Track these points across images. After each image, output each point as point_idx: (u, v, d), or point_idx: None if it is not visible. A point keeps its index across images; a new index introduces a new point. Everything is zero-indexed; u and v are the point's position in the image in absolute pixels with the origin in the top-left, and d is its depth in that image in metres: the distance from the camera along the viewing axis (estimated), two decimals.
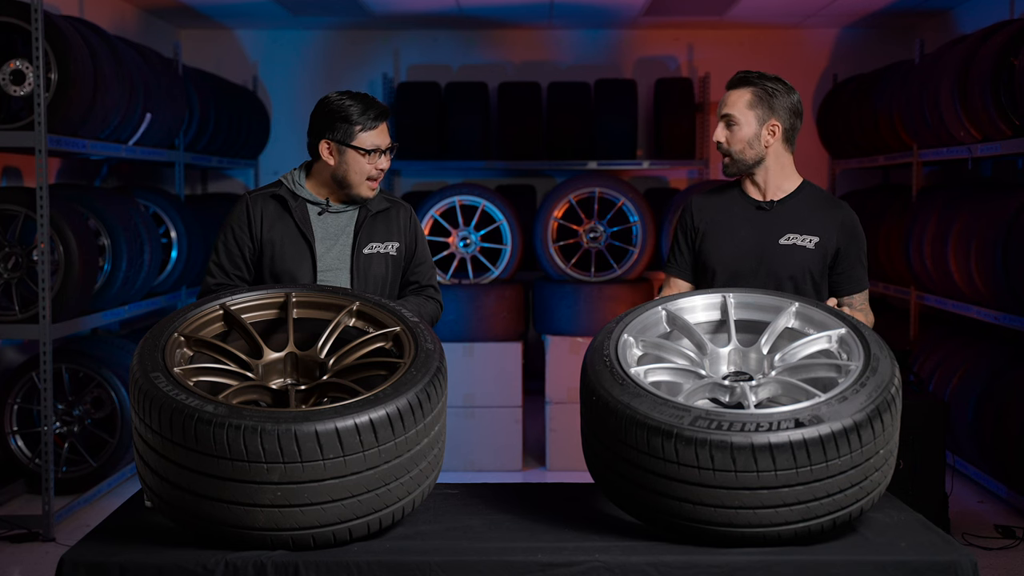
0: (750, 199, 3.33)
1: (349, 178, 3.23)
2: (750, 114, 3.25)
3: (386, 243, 3.32)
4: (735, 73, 3.30)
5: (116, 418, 5.66)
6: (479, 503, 2.88)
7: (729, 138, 3.27)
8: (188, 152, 7.07)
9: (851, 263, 3.28)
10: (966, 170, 7.10)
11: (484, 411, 6.40)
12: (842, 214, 3.30)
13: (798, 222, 3.27)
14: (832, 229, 3.27)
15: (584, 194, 6.71)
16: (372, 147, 3.21)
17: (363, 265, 3.27)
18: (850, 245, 3.28)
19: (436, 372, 2.59)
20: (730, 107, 3.26)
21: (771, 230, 3.27)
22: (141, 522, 2.68)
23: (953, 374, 5.96)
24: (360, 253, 3.27)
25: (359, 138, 3.20)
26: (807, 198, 3.33)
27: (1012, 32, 5.44)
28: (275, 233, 3.23)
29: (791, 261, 3.23)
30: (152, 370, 2.50)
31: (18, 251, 5.12)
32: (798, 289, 3.22)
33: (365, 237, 3.29)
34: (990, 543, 4.86)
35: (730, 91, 3.28)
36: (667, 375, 2.75)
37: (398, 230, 3.35)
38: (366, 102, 3.22)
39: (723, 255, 3.29)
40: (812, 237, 3.25)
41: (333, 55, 8.44)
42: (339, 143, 3.21)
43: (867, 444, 2.44)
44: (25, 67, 5.02)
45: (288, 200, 3.25)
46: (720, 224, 3.33)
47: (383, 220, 3.33)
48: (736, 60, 8.19)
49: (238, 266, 3.24)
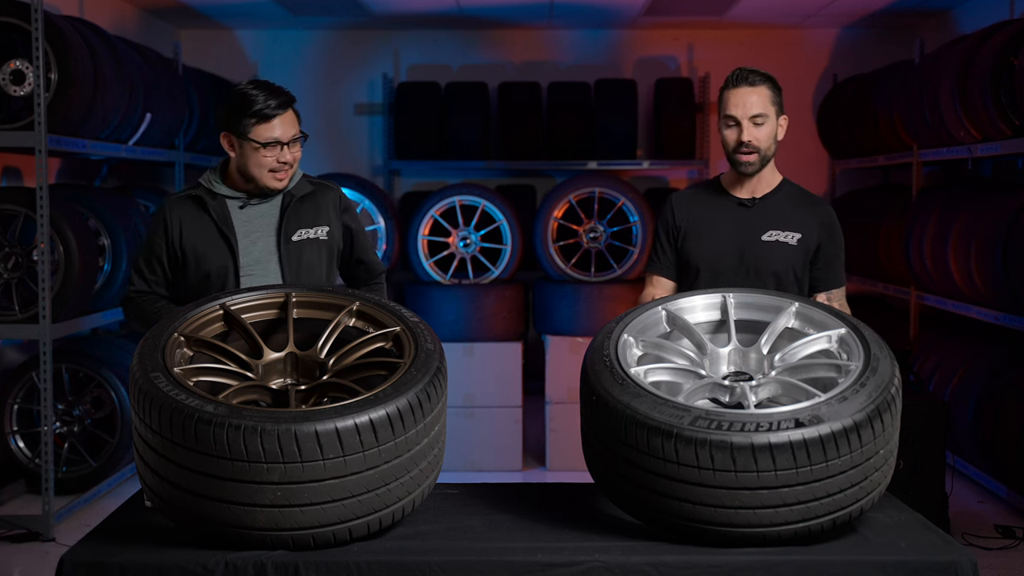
0: (732, 196, 3.35)
1: (251, 171, 3.14)
2: (772, 110, 3.25)
3: (315, 228, 3.23)
4: (737, 71, 3.26)
5: (116, 418, 5.66)
6: (479, 503, 2.88)
7: (758, 136, 3.24)
8: (188, 152, 7.07)
9: (830, 259, 3.32)
10: (966, 170, 7.10)
11: (484, 411, 6.40)
12: (823, 211, 3.34)
13: (780, 219, 3.30)
14: (813, 226, 3.30)
15: (584, 194, 6.71)
16: (267, 140, 3.10)
17: (293, 253, 3.19)
18: (830, 242, 3.32)
19: (436, 372, 2.59)
20: (757, 106, 3.22)
21: (753, 227, 3.29)
22: (141, 522, 2.68)
23: (953, 374, 5.96)
24: (289, 241, 3.19)
25: (254, 131, 3.10)
26: (788, 195, 3.36)
27: (1012, 32, 5.44)
28: (194, 236, 3.17)
29: (774, 257, 3.27)
30: (152, 370, 2.50)
31: (18, 251, 5.12)
32: (780, 285, 3.25)
33: (292, 224, 3.20)
34: (990, 543, 4.86)
35: (751, 88, 3.23)
36: (667, 375, 2.75)
37: (326, 213, 3.27)
38: (267, 91, 3.12)
39: (705, 252, 3.31)
40: (794, 234, 3.28)
41: (333, 55, 8.44)
42: (237, 136, 3.13)
43: (867, 444, 2.44)
44: (25, 67, 5.02)
45: (206, 199, 3.19)
46: (702, 221, 3.34)
47: (310, 204, 3.25)
48: (736, 60, 8.17)
49: (156, 273, 3.20)
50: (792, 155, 8.46)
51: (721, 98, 3.29)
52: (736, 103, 3.23)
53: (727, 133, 3.27)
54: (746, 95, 3.23)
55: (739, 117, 3.23)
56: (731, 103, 3.24)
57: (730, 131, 3.26)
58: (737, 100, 3.23)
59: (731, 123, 3.25)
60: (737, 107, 3.23)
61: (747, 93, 3.23)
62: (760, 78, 3.24)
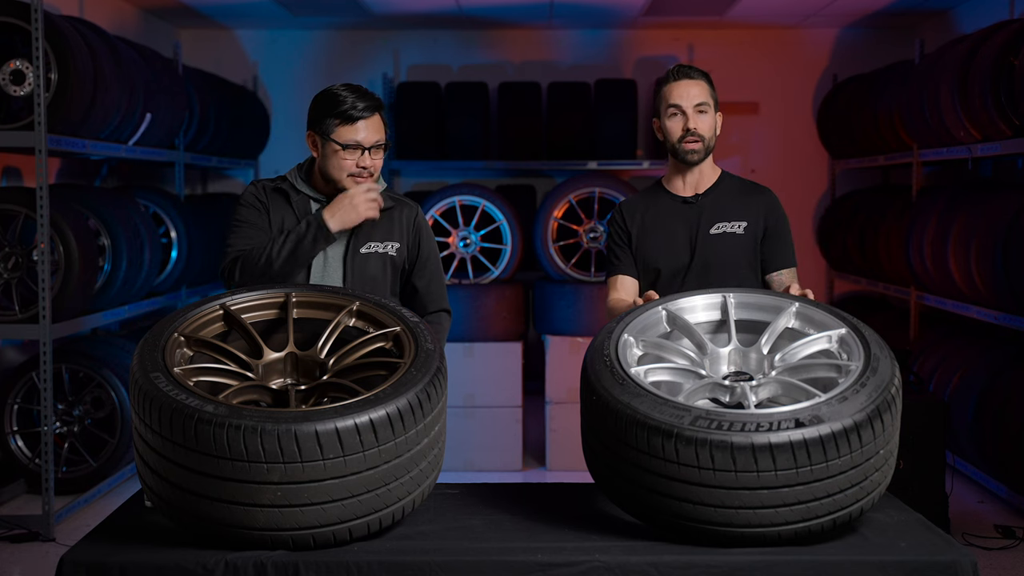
0: (675, 196, 3.44)
1: (331, 173, 3.14)
2: (712, 103, 3.38)
3: (385, 243, 3.22)
4: (676, 67, 3.40)
5: (116, 418, 5.66)
6: (479, 503, 2.88)
7: (702, 125, 3.35)
8: (188, 152, 7.07)
9: (776, 239, 3.39)
10: (966, 170, 7.10)
11: (484, 411, 6.40)
12: (765, 197, 3.44)
13: (725, 210, 3.39)
14: (758, 212, 3.39)
15: (584, 194, 6.71)
16: (349, 142, 3.10)
17: (358, 265, 3.17)
18: (777, 223, 3.40)
19: (436, 372, 2.59)
20: (700, 96, 3.34)
21: (700, 222, 3.37)
22: (141, 522, 2.68)
23: (953, 374, 5.96)
24: (356, 252, 3.18)
25: (336, 132, 3.10)
26: (729, 187, 3.45)
27: (1012, 32, 5.44)
28: (280, 223, 3.17)
29: (725, 249, 3.35)
30: (152, 370, 2.50)
31: (18, 251, 5.12)
32: (739, 275, 3.32)
33: (363, 236, 3.20)
34: (990, 543, 4.86)
35: (692, 81, 3.35)
36: (667, 375, 2.75)
37: (400, 230, 3.25)
38: (355, 94, 3.12)
39: (660, 253, 3.38)
40: (740, 223, 3.37)
41: (333, 55, 8.44)
42: (320, 136, 3.14)
43: (867, 444, 2.44)
44: (25, 67, 5.02)
45: (290, 194, 3.20)
46: (652, 224, 3.42)
47: (385, 219, 3.23)
48: (736, 60, 8.20)
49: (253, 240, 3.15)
50: (792, 155, 8.48)
51: (660, 93, 3.39)
52: (680, 94, 3.34)
53: (671, 124, 3.36)
54: (688, 87, 3.34)
55: (684, 106, 3.33)
56: (675, 94, 3.35)
57: (674, 120, 3.35)
58: (681, 91, 3.34)
59: (675, 112, 3.35)
60: (682, 97, 3.33)
61: (689, 85, 3.35)
62: (699, 73, 3.38)
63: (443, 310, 3.35)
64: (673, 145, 3.37)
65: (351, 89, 3.15)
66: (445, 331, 3.34)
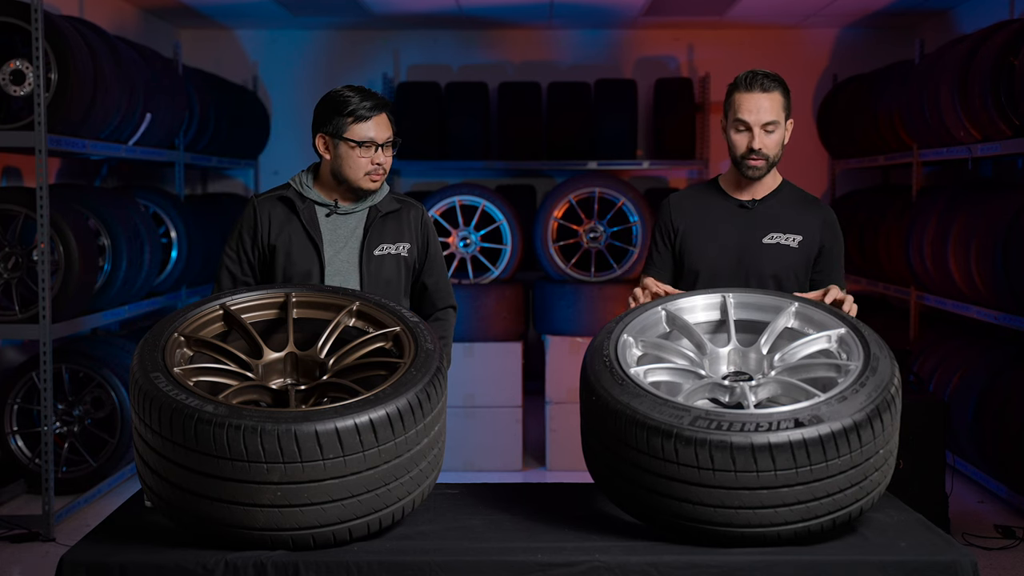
0: (731, 198, 3.29)
1: (345, 173, 3.15)
2: (783, 116, 3.16)
3: (397, 244, 3.24)
4: (750, 74, 3.15)
5: (116, 418, 5.66)
6: (479, 503, 2.88)
7: (768, 143, 3.15)
8: (188, 152, 7.07)
9: (832, 262, 3.27)
10: (966, 170, 7.10)
11: (484, 411, 6.40)
12: (824, 212, 3.29)
13: (781, 221, 3.24)
14: (815, 228, 3.25)
15: (584, 194, 6.71)
16: (363, 139, 3.12)
17: (373, 267, 3.20)
18: (833, 243, 3.27)
19: (436, 372, 2.59)
20: (770, 112, 3.12)
21: (754, 229, 3.24)
22: (141, 522, 2.68)
23: (953, 374, 5.96)
24: (370, 255, 3.21)
25: (350, 130, 3.12)
26: (788, 197, 3.30)
27: (1012, 32, 5.44)
28: (283, 237, 3.18)
29: (774, 260, 3.21)
30: (152, 370, 2.50)
31: (18, 251, 5.12)
32: (781, 288, 3.19)
33: (375, 238, 3.22)
34: (990, 543, 4.86)
35: (765, 94, 3.13)
36: (667, 375, 2.75)
37: (409, 230, 3.28)
38: (362, 94, 3.15)
39: (705, 254, 3.25)
40: (796, 236, 3.23)
41: (333, 55, 8.44)
42: (332, 136, 3.15)
43: (867, 444, 2.44)
44: (25, 67, 5.02)
45: (296, 202, 3.20)
46: (701, 223, 3.28)
47: (393, 220, 3.26)
48: (736, 60, 8.19)
49: (246, 273, 3.20)
50: (792, 155, 8.42)
51: (731, 99, 3.18)
52: (750, 108, 3.13)
53: (737, 138, 3.17)
54: (759, 100, 3.12)
55: (751, 123, 3.13)
56: (744, 107, 3.14)
57: (740, 136, 3.16)
58: (751, 105, 3.13)
59: (741, 128, 3.16)
60: (750, 112, 3.12)
61: (760, 99, 3.12)
62: (774, 83, 3.14)
63: (451, 306, 3.41)
64: (735, 158, 3.20)
65: (357, 89, 3.18)
66: (453, 327, 3.40)
